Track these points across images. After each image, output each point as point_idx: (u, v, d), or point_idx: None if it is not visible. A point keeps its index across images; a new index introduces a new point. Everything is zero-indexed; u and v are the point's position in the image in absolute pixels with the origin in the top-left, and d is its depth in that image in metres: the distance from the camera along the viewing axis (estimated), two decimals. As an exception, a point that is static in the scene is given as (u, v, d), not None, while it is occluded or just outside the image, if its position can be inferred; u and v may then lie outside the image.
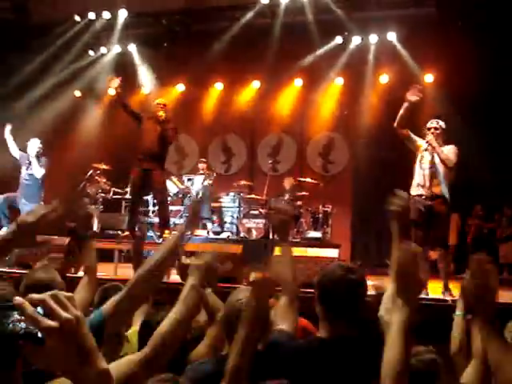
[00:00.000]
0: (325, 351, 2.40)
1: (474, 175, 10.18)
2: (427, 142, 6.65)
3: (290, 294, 2.92)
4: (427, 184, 6.65)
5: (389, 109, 11.67)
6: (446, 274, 6.67)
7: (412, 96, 6.64)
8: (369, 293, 2.62)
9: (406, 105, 6.63)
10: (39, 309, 1.14)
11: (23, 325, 1.37)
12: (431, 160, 6.67)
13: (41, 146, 9.27)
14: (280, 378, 2.12)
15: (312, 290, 2.91)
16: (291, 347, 2.59)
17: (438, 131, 6.70)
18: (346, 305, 2.48)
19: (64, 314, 1.08)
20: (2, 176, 9.95)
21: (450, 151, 6.64)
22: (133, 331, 3.24)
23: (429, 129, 6.75)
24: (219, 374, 2.48)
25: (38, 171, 9.15)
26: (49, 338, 1.08)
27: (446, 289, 6.55)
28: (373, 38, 11.54)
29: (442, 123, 6.83)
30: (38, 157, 9.20)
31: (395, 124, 6.72)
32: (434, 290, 6.61)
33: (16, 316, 1.19)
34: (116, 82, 8.60)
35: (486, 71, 10.19)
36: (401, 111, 6.67)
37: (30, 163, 9.17)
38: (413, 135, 6.87)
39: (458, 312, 3.07)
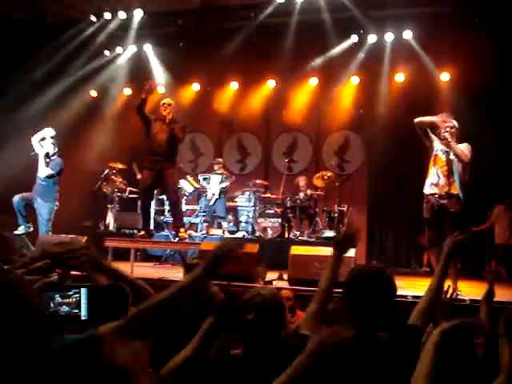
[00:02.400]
0: (349, 351, 2.38)
1: (491, 174, 10.11)
2: (443, 138, 6.63)
3: (319, 303, 2.91)
4: (441, 183, 6.64)
5: (405, 107, 11.65)
6: (454, 273, 6.64)
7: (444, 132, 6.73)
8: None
9: (435, 120, 6.72)
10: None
11: (65, 308, 1.45)
12: (446, 159, 6.65)
13: (54, 145, 9.20)
14: None
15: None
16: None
17: (452, 130, 6.69)
18: (375, 305, 2.47)
19: None
20: (17, 176, 10.01)
21: (464, 148, 6.64)
22: None
23: (443, 128, 6.74)
24: (238, 372, 2.49)
25: (43, 171, 9.01)
26: None
27: (455, 287, 6.52)
28: (389, 37, 11.47)
29: (455, 122, 6.81)
30: (48, 156, 9.13)
31: (417, 120, 6.74)
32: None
33: (58, 299, 1.23)
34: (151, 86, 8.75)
35: (503, 69, 10.10)
36: (431, 119, 6.70)
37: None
38: (430, 133, 6.86)
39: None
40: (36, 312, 1.02)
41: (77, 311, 1.86)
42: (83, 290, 1.91)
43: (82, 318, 1.90)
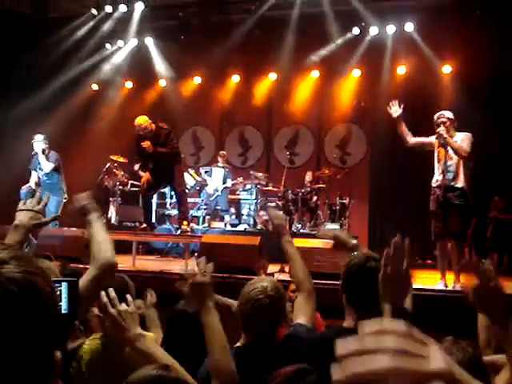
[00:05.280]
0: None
1: (492, 165, 10.10)
2: (439, 135, 6.61)
3: (307, 289, 2.97)
4: (446, 177, 6.62)
5: (406, 100, 11.61)
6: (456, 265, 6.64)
7: (394, 112, 6.89)
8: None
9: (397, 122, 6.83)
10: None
11: None
12: (447, 153, 6.63)
13: (45, 140, 9.26)
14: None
15: (329, 282, 2.96)
16: (314, 337, 2.60)
17: (446, 124, 6.65)
18: (371, 294, 2.47)
19: None
20: (23, 169, 10.05)
21: (463, 140, 6.60)
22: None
23: (438, 125, 6.70)
24: (237, 365, 2.50)
25: (46, 165, 9.12)
26: None
27: (457, 280, 6.53)
28: (390, 29, 11.45)
29: (448, 113, 6.77)
30: (44, 153, 9.20)
31: (405, 144, 6.88)
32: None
33: None
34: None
35: (505, 61, 10.07)
36: (398, 130, 6.93)
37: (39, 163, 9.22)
38: (422, 139, 6.90)
39: None
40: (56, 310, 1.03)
41: (60, 304, 1.94)
42: (64, 284, 1.96)
43: (63, 311, 1.97)
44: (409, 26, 11.23)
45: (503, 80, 10.46)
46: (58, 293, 1.94)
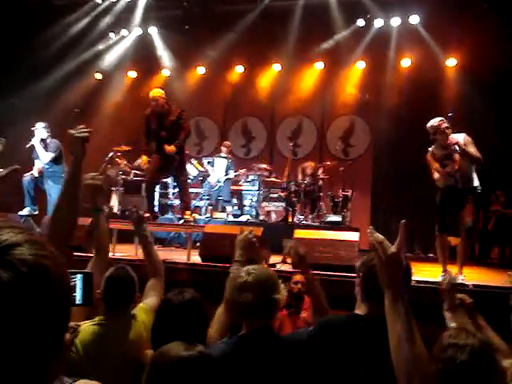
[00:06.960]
0: (362, 326, 2.48)
1: (496, 159, 10.09)
2: (456, 145, 6.42)
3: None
4: (461, 184, 6.57)
5: (410, 93, 11.61)
6: (461, 258, 6.64)
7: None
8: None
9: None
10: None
11: None
12: (456, 162, 6.55)
13: (47, 129, 9.18)
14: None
15: (330, 273, 2.99)
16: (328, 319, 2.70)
17: (449, 129, 6.54)
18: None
19: None
20: (24, 158, 10.05)
21: (469, 145, 6.50)
22: (140, 308, 3.24)
23: (442, 131, 6.55)
24: (237, 354, 2.52)
25: (44, 156, 9.02)
26: None
27: (460, 272, 6.52)
28: (395, 21, 11.42)
29: (442, 119, 6.64)
30: (44, 141, 9.13)
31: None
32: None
33: None
34: None
35: (510, 54, 10.03)
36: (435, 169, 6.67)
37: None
38: (433, 164, 6.75)
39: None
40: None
41: (75, 294, 1.97)
42: (79, 276, 2.00)
43: (77, 302, 2.01)
44: (414, 19, 11.20)
45: (508, 73, 10.43)
46: (73, 284, 1.98)
